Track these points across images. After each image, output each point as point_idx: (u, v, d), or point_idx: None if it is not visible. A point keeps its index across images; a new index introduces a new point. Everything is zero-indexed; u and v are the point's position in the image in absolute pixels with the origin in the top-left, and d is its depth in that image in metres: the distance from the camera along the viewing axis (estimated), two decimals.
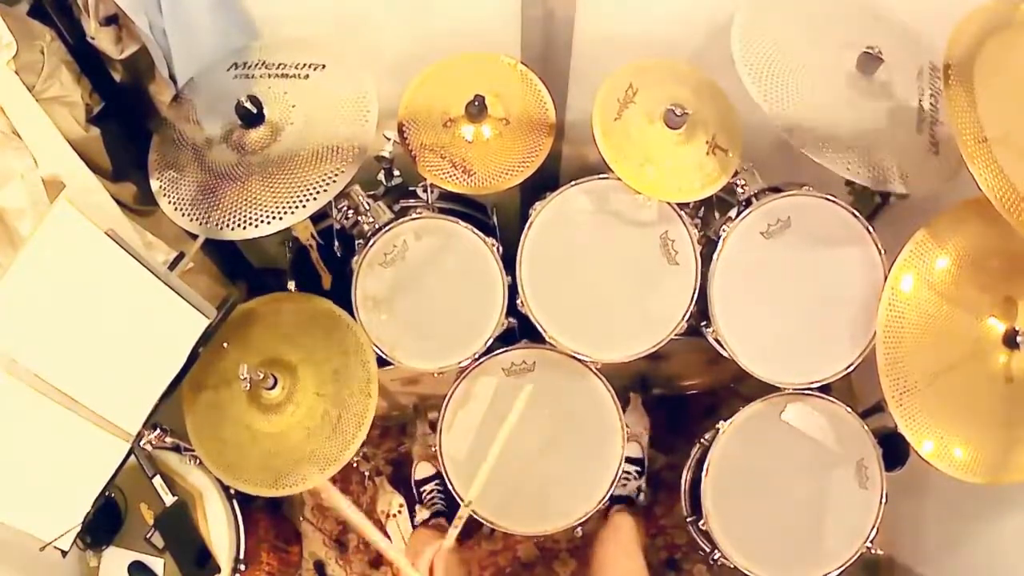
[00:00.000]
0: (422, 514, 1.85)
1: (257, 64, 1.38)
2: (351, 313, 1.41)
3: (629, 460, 1.49)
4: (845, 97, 1.27)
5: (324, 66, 1.36)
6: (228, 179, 1.27)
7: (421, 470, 2.00)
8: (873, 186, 1.25)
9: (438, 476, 1.75)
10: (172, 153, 1.33)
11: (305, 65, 1.36)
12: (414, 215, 1.41)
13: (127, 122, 1.40)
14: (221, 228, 1.24)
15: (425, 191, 1.51)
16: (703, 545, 1.53)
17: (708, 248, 1.41)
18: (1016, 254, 1.24)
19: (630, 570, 1.46)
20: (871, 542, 1.43)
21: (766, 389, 1.44)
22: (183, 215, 1.27)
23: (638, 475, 1.84)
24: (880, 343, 1.28)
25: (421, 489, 1.96)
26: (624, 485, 1.79)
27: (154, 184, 1.31)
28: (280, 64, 1.37)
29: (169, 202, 1.29)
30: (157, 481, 1.38)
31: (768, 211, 1.36)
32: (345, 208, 1.41)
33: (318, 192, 1.23)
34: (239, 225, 1.23)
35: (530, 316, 1.42)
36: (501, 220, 1.67)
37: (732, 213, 1.41)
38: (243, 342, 1.37)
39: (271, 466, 1.33)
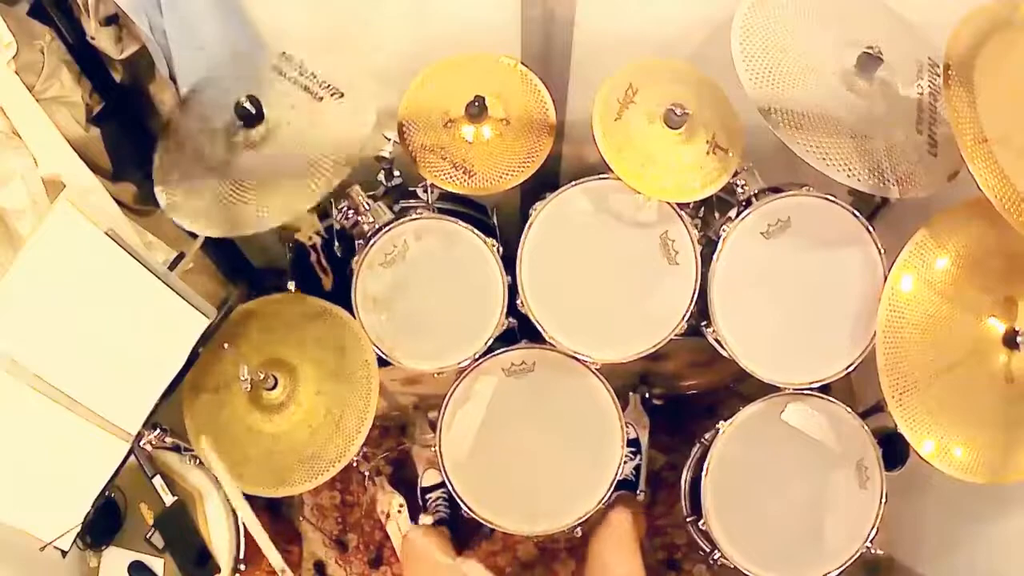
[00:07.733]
0: (425, 520, 1.85)
1: (296, 65, 1.39)
2: (351, 313, 1.41)
3: (627, 442, 1.50)
4: (844, 99, 1.27)
5: (343, 95, 1.35)
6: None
7: (429, 477, 1.99)
8: (875, 192, 1.24)
9: (444, 484, 1.75)
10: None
11: (328, 86, 1.36)
12: (414, 215, 1.40)
13: (127, 122, 1.40)
14: None
15: (425, 191, 1.51)
16: (703, 545, 1.53)
17: (708, 248, 1.41)
18: (1016, 254, 1.24)
19: (625, 566, 1.46)
20: (871, 542, 1.42)
21: (766, 389, 1.44)
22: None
23: (633, 455, 1.84)
24: (880, 343, 1.28)
25: (427, 496, 1.95)
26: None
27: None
28: (312, 74, 1.37)
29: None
30: (157, 481, 1.38)
31: (768, 211, 1.36)
32: (345, 208, 1.41)
33: None
34: None
35: (530, 316, 1.42)
36: (501, 220, 1.67)
37: (732, 213, 1.41)
38: (243, 342, 1.37)
39: (272, 466, 1.33)
